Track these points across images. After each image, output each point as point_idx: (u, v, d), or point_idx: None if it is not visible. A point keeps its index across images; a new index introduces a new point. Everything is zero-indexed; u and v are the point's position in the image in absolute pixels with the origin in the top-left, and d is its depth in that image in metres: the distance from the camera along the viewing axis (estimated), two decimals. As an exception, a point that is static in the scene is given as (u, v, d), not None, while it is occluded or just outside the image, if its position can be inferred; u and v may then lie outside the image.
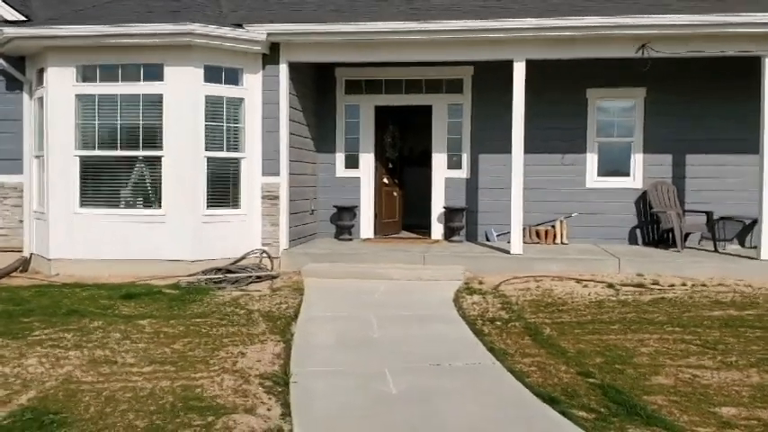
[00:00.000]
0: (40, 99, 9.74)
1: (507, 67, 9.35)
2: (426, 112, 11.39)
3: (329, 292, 8.16)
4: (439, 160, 11.31)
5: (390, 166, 12.15)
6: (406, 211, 12.75)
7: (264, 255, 9.54)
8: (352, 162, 11.56)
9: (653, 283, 8.39)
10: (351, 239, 11.11)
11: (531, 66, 9.41)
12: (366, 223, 11.53)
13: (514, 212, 9.52)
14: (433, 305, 7.55)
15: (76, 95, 9.39)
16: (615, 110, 10.98)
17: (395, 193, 12.28)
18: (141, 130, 9.32)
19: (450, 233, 11.09)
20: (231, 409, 4.43)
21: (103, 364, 5.40)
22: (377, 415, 4.37)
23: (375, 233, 11.61)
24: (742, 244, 10.57)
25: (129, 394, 4.70)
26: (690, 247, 10.26)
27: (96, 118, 9.39)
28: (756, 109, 9.14)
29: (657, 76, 10.27)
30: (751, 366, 5.30)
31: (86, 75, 9.42)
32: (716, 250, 9.98)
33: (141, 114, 9.32)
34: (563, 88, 10.72)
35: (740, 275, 8.70)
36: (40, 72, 9.72)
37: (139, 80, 9.33)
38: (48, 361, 5.44)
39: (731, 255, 9.62)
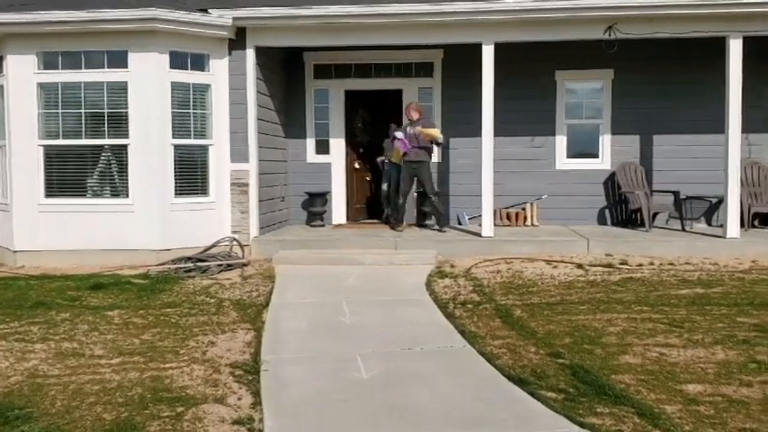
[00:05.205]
0: (0, 87, 9.50)
1: (477, 50, 9.34)
2: (397, 95, 11.34)
3: (301, 278, 8.12)
4: (410, 144, 11.27)
5: (362, 150, 12.09)
6: (378, 195, 12.69)
7: (235, 242, 9.46)
8: (322, 147, 11.48)
9: (621, 263, 8.49)
10: (323, 225, 11.07)
11: (501, 49, 9.40)
12: (338, 209, 11.49)
13: (485, 195, 9.54)
14: (405, 290, 7.56)
15: (38, 84, 9.18)
16: (584, 92, 11.05)
17: (367, 178, 12.24)
18: (106, 118, 9.16)
19: (422, 217, 11.10)
20: (201, 400, 4.40)
21: (71, 356, 5.32)
22: (347, 400, 4.37)
23: (347, 219, 11.58)
24: (709, 222, 10.74)
25: (97, 387, 4.65)
26: (658, 227, 10.39)
27: (60, 106, 9.20)
28: (721, 89, 9.25)
29: (625, 58, 10.31)
30: (716, 344, 5.40)
31: (48, 62, 9.21)
32: (683, 229, 10.12)
33: (106, 102, 9.16)
34: (532, 71, 10.74)
35: (707, 254, 8.84)
36: (0, 60, 9.48)
37: (103, 67, 9.14)
38: (12, 355, 5.35)
39: (698, 233, 9.77)
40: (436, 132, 9.90)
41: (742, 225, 9.53)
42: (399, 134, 10.10)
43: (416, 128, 9.93)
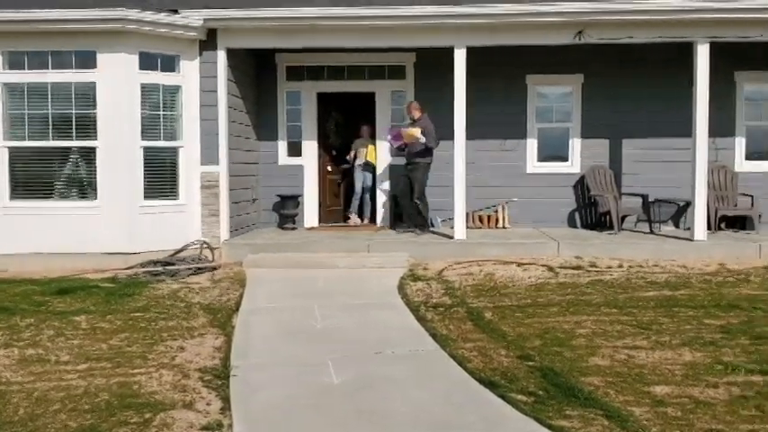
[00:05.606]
0: (-36, 87, 9.32)
1: (449, 53, 9.37)
2: (370, 98, 11.32)
3: (272, 282, 8.07)
4: (383, 147, 11.27)
5: (334, 153, 12.06)
6: (350, 198, 12.66)
7: (205, 246, 9.36)
8: (294, 150, 11.41)
9: (591, 266, 8.56)
10: (295, 228, 11.00)
11: (473, 52, 9.44)
12: (310, 212, 11.43)
13: (458, 198, 9.58)
14: (378, 293, 7.55)
15: (3, 84, 9.02)
16: (554, 96, 11.14)
17: (339, 181, 12.20)
18: (74, 119, 9.02)
19: (397, 220, 11.10)
20: (169, 405, 4.34)
21: (35, 362, 5.22)
22: (318, 405, 4.34)
23: (320, 221, 11.53)
24: (677, 225, 10.89)
25: (62, 393, 4.56)
26: (627, 230, 10.51)
27: (26, 107, 9.05)
28: (689, 93, 9.39)
29: (595, 63, 10.44)
30: (683, 345, 5.47)
31: (14, 62, 9.04)
32: (651, 232, 10.25)
33: (74, 103, 9.02)
34: (503, 75, 10.79)
35: (674, 256, 8.95)
36: (-36, 59, 9.30)
37: (71, 68, 9.02)
38: (-25, 362, 5.23)
39: (666, 236, 9.90)
40: (415, 132, 9.87)
41: (709, 228, 9.68)
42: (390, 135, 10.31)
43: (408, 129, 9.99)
